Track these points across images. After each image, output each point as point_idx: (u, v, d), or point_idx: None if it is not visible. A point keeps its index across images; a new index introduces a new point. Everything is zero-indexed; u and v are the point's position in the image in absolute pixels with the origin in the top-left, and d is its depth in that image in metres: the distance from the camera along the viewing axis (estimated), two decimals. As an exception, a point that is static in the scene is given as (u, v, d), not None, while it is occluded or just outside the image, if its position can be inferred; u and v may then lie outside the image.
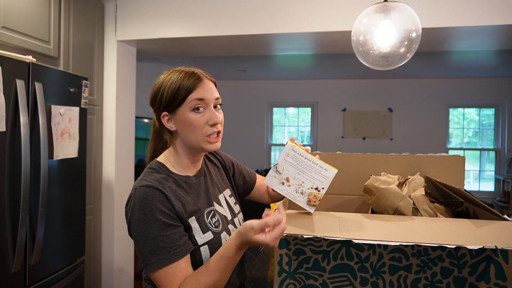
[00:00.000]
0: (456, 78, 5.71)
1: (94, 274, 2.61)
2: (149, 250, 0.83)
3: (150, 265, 0.83)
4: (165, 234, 0.84)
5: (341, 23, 2.30)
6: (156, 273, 0.83)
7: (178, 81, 0.92)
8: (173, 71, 0.97)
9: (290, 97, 6.36)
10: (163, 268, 0.83)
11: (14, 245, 1.60)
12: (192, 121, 0.91)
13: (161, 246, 0.83)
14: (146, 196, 0.86)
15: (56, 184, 1.88)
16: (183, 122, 0.93)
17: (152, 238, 0.84)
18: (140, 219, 0.85)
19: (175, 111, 0.93)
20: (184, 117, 0.92)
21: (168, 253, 0.83)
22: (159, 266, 0.83)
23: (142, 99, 3.39)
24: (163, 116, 0.95)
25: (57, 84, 1.87)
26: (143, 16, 2.61)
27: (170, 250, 0.83)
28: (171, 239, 0.84)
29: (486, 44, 2.71)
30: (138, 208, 0.86)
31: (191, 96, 0.91)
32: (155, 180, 0.90)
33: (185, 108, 0.92)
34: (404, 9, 1.38)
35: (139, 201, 0.86)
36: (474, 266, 0.71)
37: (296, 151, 0.90)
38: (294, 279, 0.78)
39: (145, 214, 0.85)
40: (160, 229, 0.84)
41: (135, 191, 0.88)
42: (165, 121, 0.95)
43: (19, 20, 1.91)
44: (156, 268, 0.83)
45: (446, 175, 1.27)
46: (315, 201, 0.88)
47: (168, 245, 0.84)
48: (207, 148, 0.94)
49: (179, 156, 0.98)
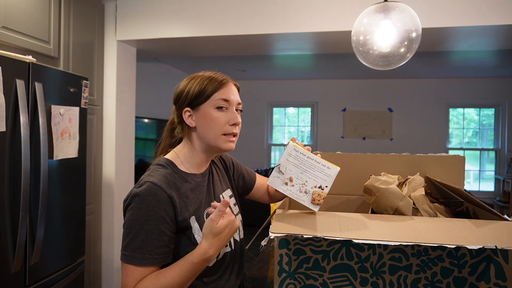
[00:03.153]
0: (456, 78, 5.71)
1: (94, 274, 2.61)
2: (129, 241, 0.85)
3: (123, 255, 0.86)
4: (150, 236, 0.85)
5: (341, 23, 2.30)
6: (123, 265, 0.86)
7: (205, 80, 0.97)
8: (198, 74, 1.01)
9: (290, 97, 6.36)
10: (131, 265, 0.85)
11: (14, 245, 1.60)
12: (213, 118, 0.95)
13: (139, 245, 0.84)
14: (150, 193, 0.87)
15: (56, 184, 1.88)
16: (204, 119, 0.96)
17: (137, 233, 0.85)
18: (136, 211, 0.86)
19: (198, 107, 0.96)
20: (206, 113, 0.95)
21: (142, 254, 0.84)
22: (127, 261, 0.85)
23: (142, 99, 3.39)
24: (185, 111, 0.98)
25: (57, 84, 1.87)
26: (143, 16, 2.61)
27: (146, 253, 0.84)
28: (154, 245, 0.85)
29: (486, 44, 2.71)
30: (139, 201, 0.86)
31: (216, 95, 0.95)
32: (163, 177, 0.91)
33: (209, 105, 0.95)
34: (404, 9, 1.38)
35: (143, 195, 0.87)
36: (474, 266, 0.71)
37: (298, 151, 0.90)
38: (294, 279, 0.78)
39: (143, 208, 0.86)
40: (149, 230, 0.85)
41: (142, 184, 0.88)
42: (186, 117, 0.98)
43: (19, 20, 1.91)
44: (125, 261, 0.85)
45: (446, 175, 1.27)
46: (319, 200, 0.88)
47: (147, 248, 0.84)
48: (222, 146, 0.97)
49: (192, 152, 1.00)
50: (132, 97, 2.97)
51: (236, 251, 1.04)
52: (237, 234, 1.05)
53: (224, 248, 0.97)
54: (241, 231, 1.09)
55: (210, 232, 0.85)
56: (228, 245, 1.00)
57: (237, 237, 1.05)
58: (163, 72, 5.00)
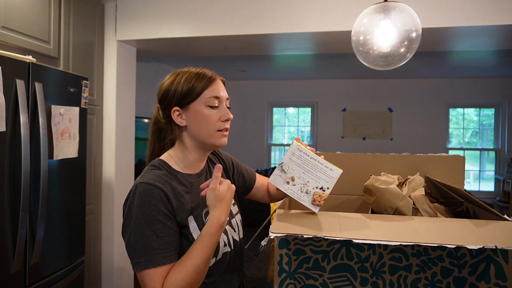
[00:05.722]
0: (456, 78, 5.71)
1: (94, 274, 2.60)
2: (140, 247, 0.83)
3: (138, 264, 0.82)
4: (160, 235, 0.84)
5: (341, 23, 2.30)
6: (142, 273, 0.82)
7: (193, 78, 0.95)
8: (183, 70, 0.99)
9: (290, 97, 6.36)
10: (151, 268, 0.82)
11: (14, 245, 1.60)
12: (206, 116, 0.94)
13: (154, 246, 0.83)
14: (146, 194, 0.86)
15: (56, 184, 1.88)
16: (196, 117, 0.95)
17: (146, 236, 0.83)
18: (138, 215, 0.84)
19: (188, 106, 0.95)
20: (198, 111, 0.94)
21: (159, 254, 0.83)
22: (147, 266, 0.82)
23: (142, 99, 3.39)
24: (174, 111, 0.96)
25: (57, 84, 1.87)
26: (143, 16, 2.61)
27: (162, 252, 0.83)
28: (165, 241, 0.84)
29: (486, 44, 2.71)
30: (137, 205, 0.85)
31: (207, 92, 0.95)
32: (157, 177, 0.90)
33: (199, 103, 0.94)
34: (404, 9, 1.38)
35: (139, 197, 0.86)
36: (474, 266, 0.71)
37: (302, 151, 0.90)
38: (294, 279, 0.78)
39: (143, 211, 0.84)
40: (156, 229, 0.84)
41: (136, 188, 0.88)
42: (175, 116, 0.96)
43: (19, 20, 1.91)
44: (143, 268, 0.82)
45: (446, 175, 1.27)
46: (320, 201, 0.88)
47: (161, 247, 0.83)
48: (217, 142, 0.97)
49: (185, 153, 0.99)
50: (132, 97, 2.97)
51: (236, 251, 1.04)
52: (237, 234, 1.05)
53: (223, 248, 0.97)
54: (240, 231, 1.08)
55: (216, 200, 0.88)
56: (227, 245, 1.00)
57: (236, 237, 1.04)
58: (163, 72, 4.98)
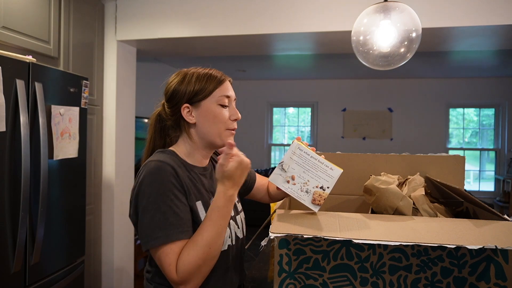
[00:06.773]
0: (456, 78, 5.71)
1: (94, 274, 2.61)
2: (157, 223, 0.83)
3: (156, 239, 0.82)
4: (175, 210, 0.85)
5: (341, 23, 2.30)
6: (159, 250, 0.83)
7: (205, 76, 0.97)
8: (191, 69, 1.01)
9: (290, 97, 6.36)
10: (169, 244, 0.82)
11: (14, 245, 1.60)
12: (217, 114, 0.96)
13: (171, 221, 0.83)
14: (158, 170, 0.86)
15: (56, 184, 1.88)
16: (207, 114, 0.96)
17: (163, 211, 0.84)
18: (151, 192, 0.85)
19: (199, 104, 0.97)
20: (209, 109, 0.96)
21: (177, 229, 0.83)
22: (165, 242, 0.82)
23: (142, 99, 3.39)
24: (184, 108, 0.97)
25: (57, 84, 1.87)
26: (143, 16, 2.61)
27: (179, 227, 0.84)
28: (181, 217, 0.85)
29: (486, 44, 2.71)
30: (149, 182, 0.86)
31: (218, 91, 0.96)
32: (166, 157, 0.92)
33: (211, 101, 0.96)
34: (404, 9, 1.38)
35: (150, 175, 0.86)
36: (474, 266, 0.71)
37: (303, 150, 0.90)
38: (294, 279, 0.78)
39: (157, 186, 0.85)
40: (173, 204, 0.85)
41: (146, 165, 0.88)
42: (185, 113, 0.98)
43: (19, 20, 1.91)
44: (162, 243, 0.82)
45: (446, 175, 1.27)
46: (320, 200, 0.88)
47: (178, 222, 0.84)
48: (224, 140, 0.98)
49: (193, 149, 1.00)
50: (132, 97, 2.97)
51: (237, 248, 1.03)
52: (240, 231, 1.05)
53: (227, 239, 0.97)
54: (244, 229, 1.08)
55: (223, 176, 0.88)
56: (231, 237, 0.99)
57: (239, 234, 1.04)
58: (163, 72, 4.99)
